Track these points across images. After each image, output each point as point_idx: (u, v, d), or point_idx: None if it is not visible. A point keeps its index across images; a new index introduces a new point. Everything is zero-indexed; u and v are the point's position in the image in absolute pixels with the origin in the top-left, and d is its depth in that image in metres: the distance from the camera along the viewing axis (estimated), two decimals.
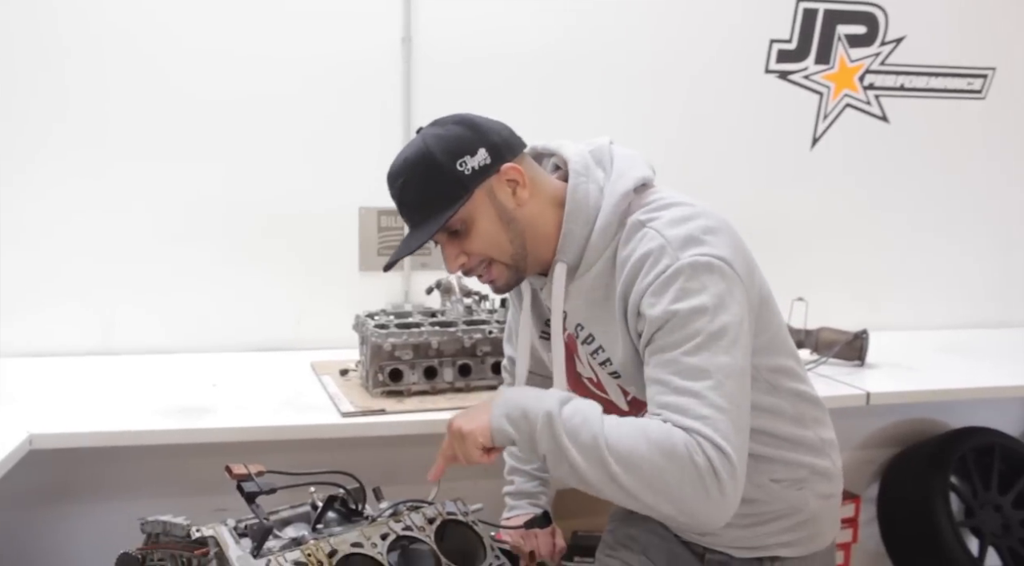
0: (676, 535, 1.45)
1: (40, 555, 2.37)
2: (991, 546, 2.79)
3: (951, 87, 3.00)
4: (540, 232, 1.28)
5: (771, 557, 1.38)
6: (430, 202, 1.23)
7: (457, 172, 1.22)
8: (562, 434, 1.10)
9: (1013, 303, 3.18)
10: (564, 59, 2.62)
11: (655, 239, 1.18)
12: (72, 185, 2.36)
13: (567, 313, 1.31)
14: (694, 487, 1.05)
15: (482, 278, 1.32)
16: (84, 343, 2.40)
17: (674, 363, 1.11)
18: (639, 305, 1.17)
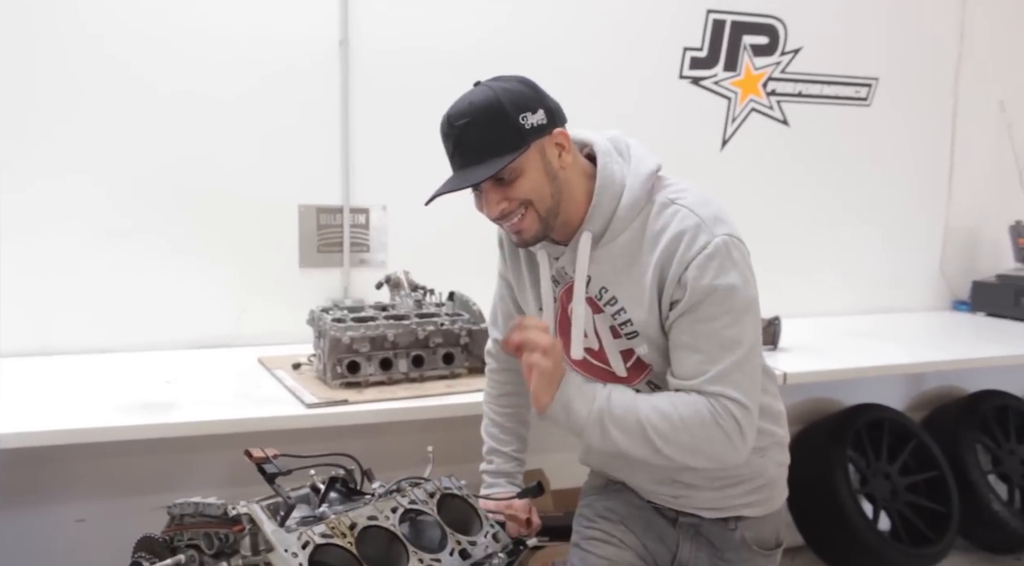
0: (650, 502, 1.59)
1: None
2: (883, 510, 3.08)
3: (841, 94, 3.30)
4: (573, 197, 1.39)
5: (735, 517, 1.55)
6: (490, 146, 1.31)
7: (519, 124, 1.31)
8: (610, 427, 1.33)
9: (897, 289, 3.51)
10: (495, 61, 2.70)
11: (690, 217, 1.34)
12: (4, 183, 2.31)
13: (591, 277, 1.41)
14: (722, 444, 1.31)
15: (511, 227, 1.39)
16: (20, 344, 2.35)
17: (715, 336, 1.31)
18: (681, 276, 1.32)
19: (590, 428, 1.34)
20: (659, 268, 1.35)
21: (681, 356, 1.35)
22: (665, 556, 1.59)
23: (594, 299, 1.43)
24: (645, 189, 1.38)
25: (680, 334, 1.35)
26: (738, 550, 1.56)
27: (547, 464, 2.72)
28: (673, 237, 1.34)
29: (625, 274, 1.39)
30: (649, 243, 1.37)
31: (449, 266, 2.57)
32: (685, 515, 1.56)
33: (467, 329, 2.21)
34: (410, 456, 1.93)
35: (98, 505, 2.37)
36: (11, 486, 2.27)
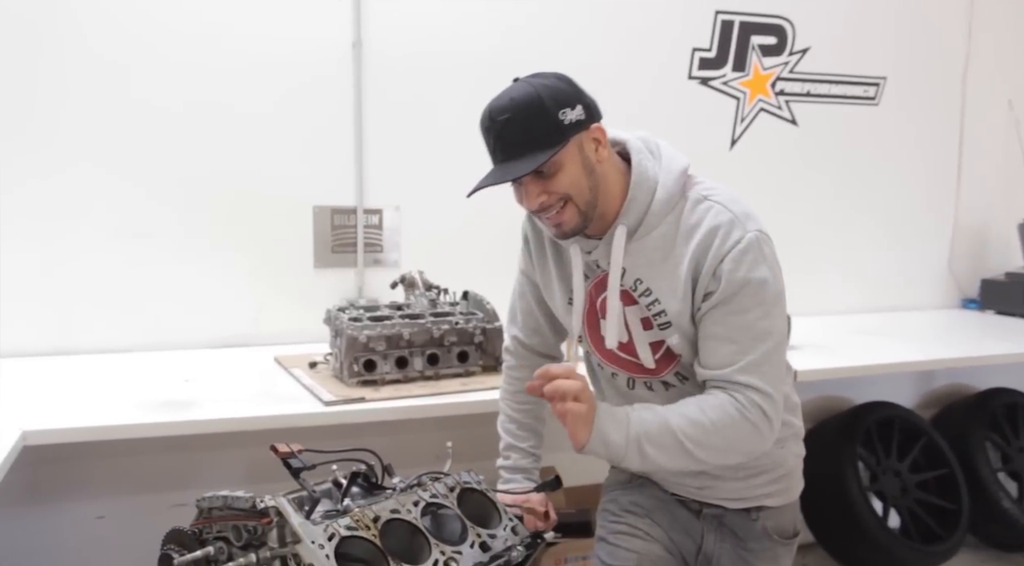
0: (674, 495, 1.62)
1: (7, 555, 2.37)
2: (893, 507, 3.10)
3: (849, 94, 3.32)
4: (609, 191, 1.43)
5: (757, 507, 1.59)
6: (530, 141, 1.35)
7: (559, 120, 1.35)
8: (647, 448, 1.36)
9: (906, 288, 3.53)
10: (506, 63, 2.73)
11: (724, 213, 1.40)
12: (28, 188, 2.36)
13: (625, 269, 1.45)
14: (752, 438, 1.38)
15: (551, 219, 1.43)
16: (42, 343, 2.40)
17: (748, 328, 1.37)
18: (716, 268, 1.37)
19: (630, 455, 1.37)
20: (694, 261, 1.39)
21: (713, 346, 1.39)
22: (691, 547, 1.62)
23: (628, 291, 1.46)
24: (678, 185, 1.43)
25: (713, 325, 1.39)
26: (760, 540, 1.60)
27: (560, 462, 2.73)
28: (708, 231, 1.39)
29: (659, 267, 1.43)
30: (683, 237, 1.41)
31: (462, 266, 2.60)
32: (709, 506, 1.59)
33: (481, 328, 2.24)
34: (426, 453, 1.96)
35: (118, 502, 2.41)
36: (34, 483, 2.31)
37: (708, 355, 1.40)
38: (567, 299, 1.57)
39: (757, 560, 1.61)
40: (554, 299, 1.61)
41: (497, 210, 2.71)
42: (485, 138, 1.42)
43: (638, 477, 1.66)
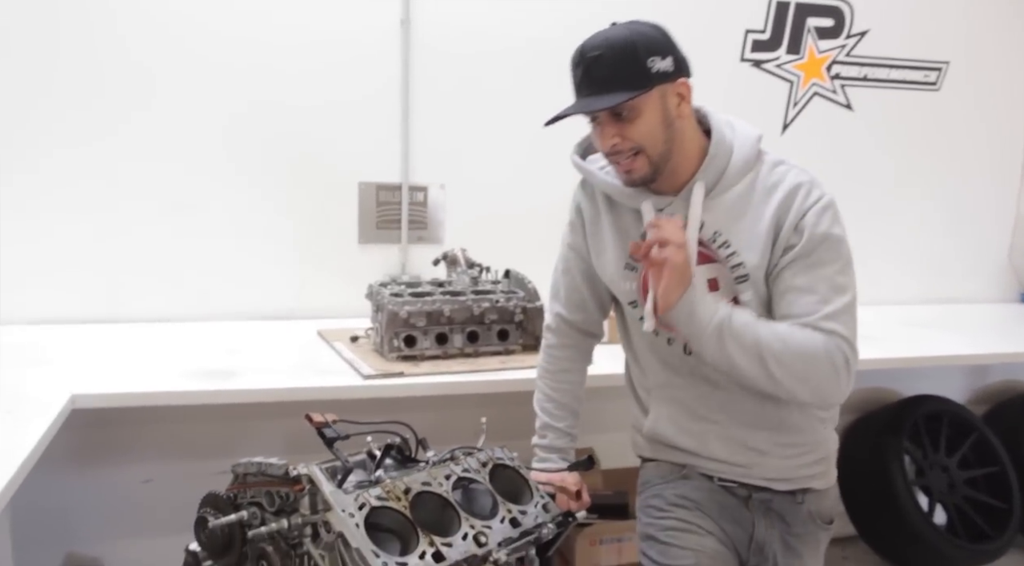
0: (721, 483, 1.59)
1: (58, 514, 2.44)
2: (939, 503, 3.03)
3: (909, 79, 3.22)
4: (684, 148, 1.46)
5: (802, 489, 1.58)
6: (616, 81, 1.38)
7: (646, 66, 1.38)
8: (728, 339, 1.38)
9: (963, 279, 3.43)
10: (555, 41, 2.69)
11: (802, 175, 1.46)
12: (79, 160, 2.42)
13: (704, 223, 1.47)
14: (830, 378, 1.38)
15: (621, 165, 1.46)
16: (93, 311, 2.46)
17: (828, 279, 1.40)
18: (798, 223, 1.41)
19: (708, 336, 1.39)
20: (776, 217, 1.43)
21: (794, 297, 1.41)
22: (742, 537, 1.59)
23: (707, 242, 1.48)
24: (754, 150, 1.49)
25: (794, 277, 1.42)
26: (805, 524, 1.59)
27: (598, 443, 2.74)
28: (791, 189, 1.43)
29: (737, 221, 1.46)
30: (762, 195, 1.45)
31: (506, 245, 2.59)
32: (758, 490, 1.58)
33: (522, 307, 2.24)
34: (462, 430, 1.96)
35: (165, 467, 2.47)
36: (84, 445, 2.38)
37: (790, 306, 1.42)
38: (623, 264, 1.57)
39: (803, 545, 1.61)
40: (607, 268, 1.61)
41: (541, 190, 2.74)
42: (573, 72, 1.44)
43: (677, 467, 1.64)
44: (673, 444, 1.62)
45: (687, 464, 1.62)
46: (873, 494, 2.99)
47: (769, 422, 1.54)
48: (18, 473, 1.45)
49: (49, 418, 1.64)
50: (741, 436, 1.55)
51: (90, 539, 2.50)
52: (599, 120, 1.44)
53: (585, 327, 1.73)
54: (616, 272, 1.59)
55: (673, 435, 1.61)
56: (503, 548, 1.23)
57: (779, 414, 1.54)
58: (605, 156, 1.49)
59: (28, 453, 1.50)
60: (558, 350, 1.75)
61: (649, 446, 1.69)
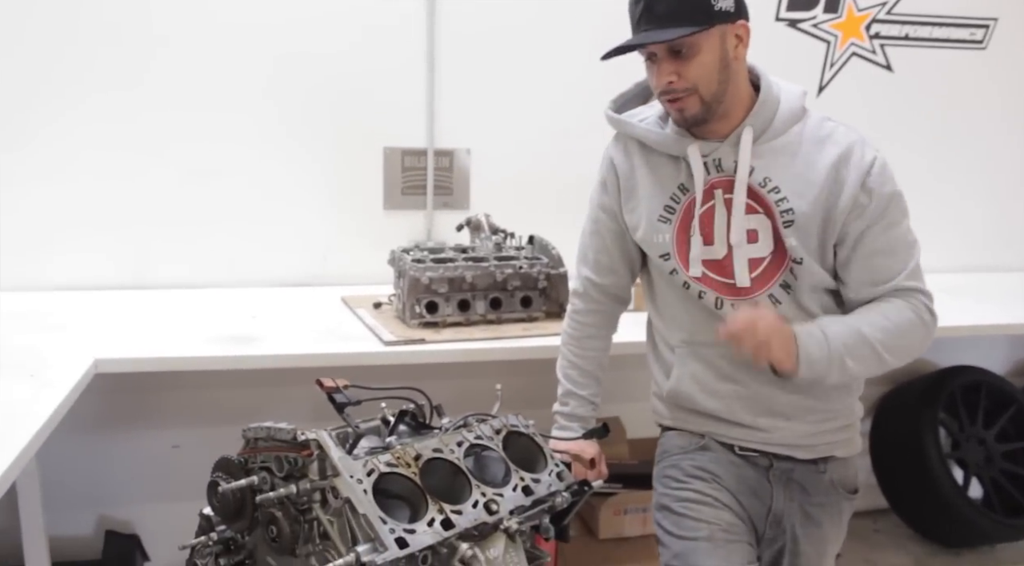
0: (742, 454, 1.57)
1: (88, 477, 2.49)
2: (975, 476, 2.97)
3: (953, 37, 3.09)
4: (738, 91, 1.46)
5: (824, 458, 1.57)
6: (678, 15, 1.37)
7: (709, 3, 1.37)
8: (847, 361, 1.41)
9: (1005, 248, 3.32)
10: (584, 10, 2.65)
11: (852, 132, 1.49)
12: (103, 125, 2.42)
13: (754, 168, 1.47)
14: (924, 335, 1.48)
15: (675, 103, 1.44)
16: (119, 278, 2.48)
17: (903, 239, 1.48)
18: (864, 181, 1.44)
19: (832, 371, 1.42)
20: (834, 170, 1.45)
21: (878, 262, 1.46)
22: (760, 510, 1.57)
23: (755, 187, 1.48)
24: (800, 102, 1.50)
25: (874, 241, 1.46)
26: (827, 493, 1.58)
27: (624, 411, 2.72)
28: (847, 146, 1.45)
29: (787, 168, 1.47)
30: (812, 144, 1.47)
31: (531, 210, 2.57)
32: (779, 459, 1.55)
33: (545, 273, 2.21)
34: (483, 397, 1.94)
35: (192, 432, 2.50)
36: (112, 411, 2.42)
37: (876, 271, 1.46)
38: (657, 216, 1.55)
39: (823, 514, 1.59)
40: (640, 222, 1.58)
41: (567, 154, 2.69)
42: (632, 8, 1.43)
43: (696, 437, 1.61)
44: (695, 407, 1.60)
45: (707, 432, 1.60)
46: (907, 466, 2.94)
47: (795, 386, 1.51)
48: (40, 432, 1.47)
49: (72, 381, 1.66)
50: (766, 397, 1.54)
51: (121, 503, 2.55)
52: (656, 56, 1.42)
53: (614, 291, 1.70)
54: (649, 225, 1.56)
55: (696, 395, 1.59)
56: (515, 516, 1.21)
57: None
58: (658, 95, 1.47)
59: (50, 414, 1.52)
60: (585, 315, 1.72)
61: (669, 412, 1.66)
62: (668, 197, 1.54)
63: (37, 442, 1.46)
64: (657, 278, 1.63)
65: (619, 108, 1.65)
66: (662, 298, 1.63)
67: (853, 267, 1.48)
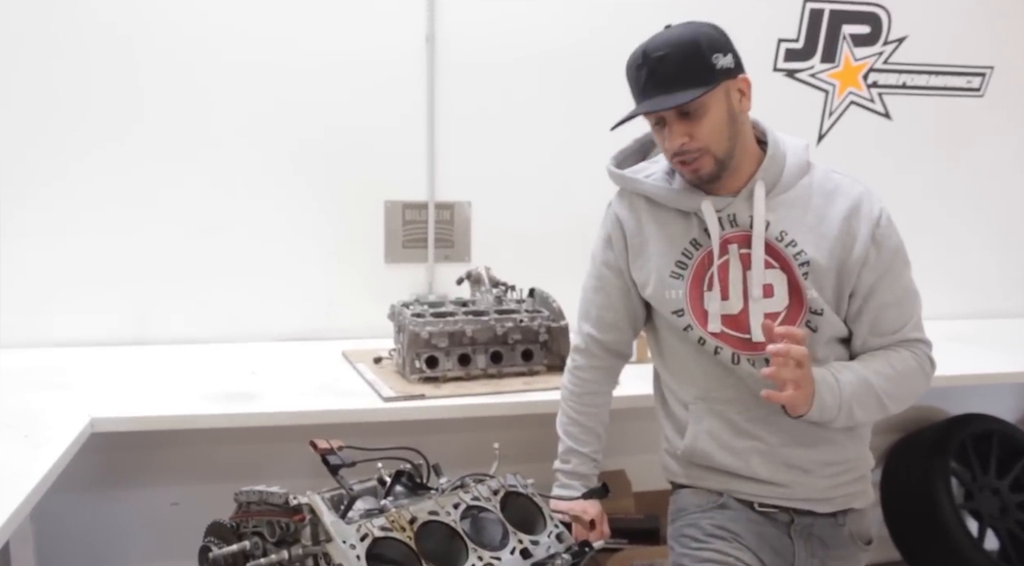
0: (762, 511, 1.55)
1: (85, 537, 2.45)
2: (990, 528, 2.90)
3: (951, 85, 3.11)
4: (746, 144, 1.50)
5: (844, 510, 1.56)
6: (683, 78, 1.39)
7: (711, 63, 1.40)
8: (855, 408, 1.44)
9: (1008, 294, 3.29)
10: (584, 56, 2.70)
11: (858, 185, 1.53)
12: (107, 181, 2.43)
13: (769, 222, 1.49)
14: (924, 387, 1.53)
15: (688, 165, 1.46)
16: (120, 333, 2.48)
17: (908, 289, 1.52)
18: (874, 233, 1.47)
19: (840, 418, 1.44)
20: (846, 223, 1.48)
21: (887, 313, 1.50)
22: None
23: (772, 242, 1.49)
24: (805, 156, 1.54)
25: (884, 293, 1.49)
26: (846, 546, 1.58)
27: (629, 464, 2.68)
28: (856, 198, 1.49)
29: (800, 220, 1.49)
30: (822, 197, 1.50)
31: (532, 263, 2.57)
32: (800, 514, 1.54)
33: (546, 326, 2.19)
34: (485, 452, 1.91)
35: (192, 489, 2.47)
36: (110, 469, 2.39)
37: (884, 322, 1.50)
38: (668, 272, 1.55)
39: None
40: (649, 278, 1.57)
41: (568, 207, 2.70)
42: (635, 76, 1.45)
43: (714, 495, 1.58)
44: (712, 464, 1.57)
45: (725, 490, 1.57)
46: (919, 518, 2.87)
47: (812, 439, 1.52)
48: (32, 493, 1.45)
49: (66, 441, 1.64)
50: (784, 453, 1.52)
51: (120, 562, 2.50)
52: (666, 120, 1.44)
53: (617, 347, 1.69)
54: (660, 281, 1.56)
55: (713, 452, 1.56)
56: None
57: (821, 430, 1.51)
58: (671, 157, 1.48)
59: (44, 474, 1.50)
60: (586, 372, 1.71)
61: (684, 471, 1.63)
62: (680, 253, 1.54)
63: (29, 503, 1.43)
64: (667, 334, 1.62)
65: (620, 164, 1.66)
66: (672, 354, 1.61)
67: (863, 318, 1.50)
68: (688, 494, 1.63)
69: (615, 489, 2.41)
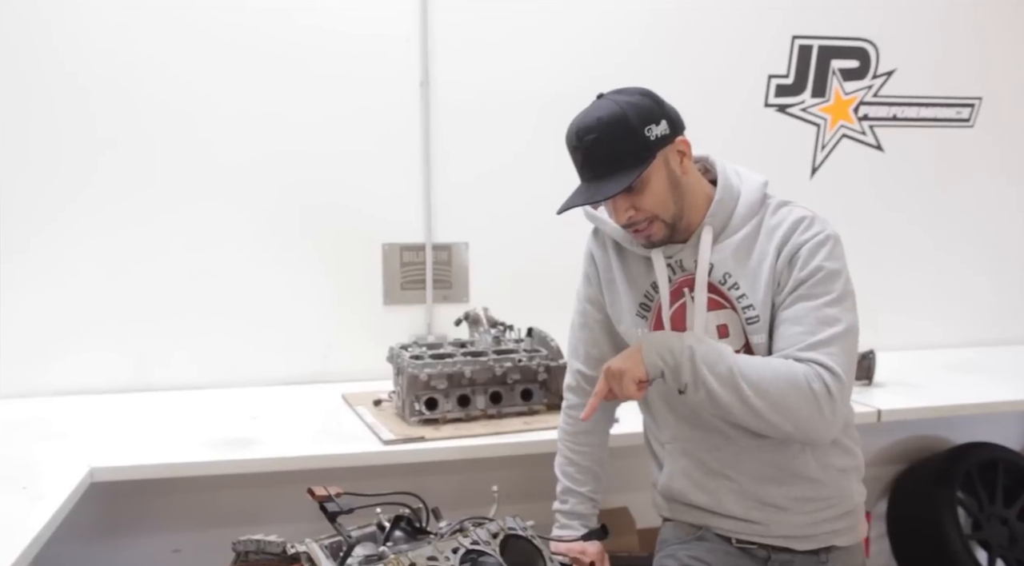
0: (739, 545, 1.54)
1: None
2: (999, 558, 2.87)
3: (941, 116, 3.15)
4: (695, 200, 1.49)
5: (826, 547, 1.53)
6: (619, 160, 1.39)
7: (645, 137, 1.39)
8: (702, 366, 1.36)
9: (1006, 321, 3.30)
10: (577, 96, 2.70)
11: (804, 211, 1.48)
12: (98, 229, 2.46)
13: (713, 265, 1.48)
14: (810, 408, 1.34)
15: (639, 232, 1.48)
16: (120, 381, 2.48)
17: (816, 310, 1.39)
18: (794, 255, 1.42)
19: (684, 367, 1.37)
20: (777, 251, 1.45)
21: (782, 330, 1.42)
22: None
23: (717, 285, 1.48)
24: (760, 194, 1.50)
25: (784, 310, 1.43)
26: None
27: (632, 502, 2.66)
28: (791, 224, 1.45)
29: (744, 262, 1.48)
30: (767, 235, 1.47)
31: (530, 302, 2.57)
32: (777, 551, 1.52)
33: (545, 365, 2.19)
34: (486, 493, 1.91)
35: (194, 535, 2.45)
36: (111, 518, 2.37)
37: (778, 339, 1.43)
38: (635, 311, 1.57)
39: None
40: (622, 316, 1.60)
41: (565, 247, 2.70)
42: (573, 156, 1.47)
43: (695, 528, 1.58)
44: (688, 501, 1.58)
45: (703, 525, 1.57)
46: (927, 550, 2.84)
47: (784, 476, 1.50)
48: (31, 546, 1.43)
49: (65, 492, 1.63)
50: (756, 492, 1.51)
51: None
52: (611, 198, 1.44)
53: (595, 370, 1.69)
54: (629, 319, 1.59)
55: (688, 491, 1.57)
56: None
57: (794, 466, 1.50)
58: (623, 227, 1.49)
59: (42, 527, 1.48)
60: (580, 410, 1.69)
61: (667, 505, 1.65)
62: (642, 295, 1.57)
63: (28, 555, 1.42)
64: None
65: None
66: (649, 394, 1.63)
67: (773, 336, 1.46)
68: (671, 527, 1.65)
69: (618, 527, 2.40)
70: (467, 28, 2.64)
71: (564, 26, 2.72)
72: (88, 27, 2.37)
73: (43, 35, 2.35)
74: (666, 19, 2.82)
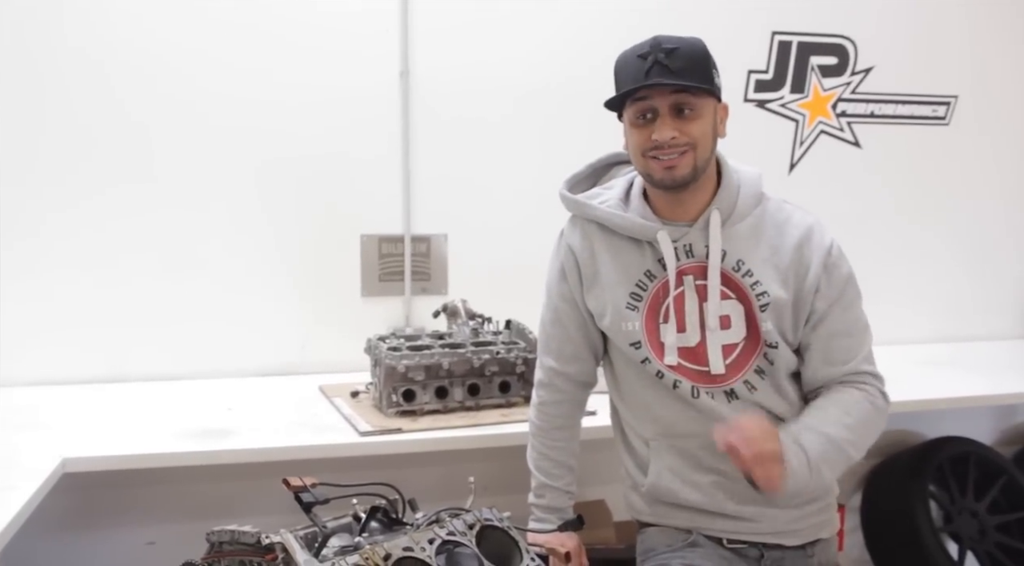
0: (731, 547, 1.54)
1: None
2: (969, 550, 2.91)
3: (917, 114, 3.17)
4: (710, 172, 1.50)
5: (812, 541, 1.56)
6: (693, 70, 1.39)
7: (712, 74, 1.44)
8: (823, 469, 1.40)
9: (981, 318, 3.34)
10: (556, 88, 2.73)
11: (810, 216, 1.53)
12: (73, 219, 2.43)
13: (725, 252, 1.48)
14: (881, 422, 1.50)
15: (667, 161, 1.42)
16: (96, 371, 2.45)
17: (859, 320, 1.52)
18: (825, 262, 1.47)
19: (812, 482, 1.40)
20: (797, 253, 1.48)
21: (838, 343, 1.49)
22: None
23: (729, 272, 1.48)
24: (759, 186, 1.54)
25: (834, 323, 1.49)
26: None
27: (609, 494, 2.67)
28: (806, 229, 1.49)
29: (754, 250, 1.49)
30: (774, 228, 1.50)
31: (509, 294, 2.56)
32: (769, 548, 1.53)
33: (523, 357, 2.20)
34: (463, 485, 1.91)
35: (168, 528, 2.43)
36: (85, 510, 2.35)
37: (835, 352, 1.49)
38: (624, 303, 1.52)
39: None
40: (605, 309, 1.55)
41: (544, 240, 2.70)
42: (636, 65, 1.41)
43: (688, 533, 1.57)
44: (677, 501, 1.56)
45: (693, 528, 1.55)
46: (900, 542, 2.88)
47: None
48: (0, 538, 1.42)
49: (36, 483, 1.62)
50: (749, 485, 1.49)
51: None
52: (657, 112, 1.41)
53: (580, 378, 1.67)
54: (616, 312, 1.53)
55: (678, 489, 1.55)
56: None
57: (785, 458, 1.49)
58: (648, 151, 1.42)
59: (12, 518, 1.47)
60: (552, 407, 1.68)
61: (650, 508, 1.61)
62: (634, 284, 1.52)
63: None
64: (624, 368, 1.59)
65: (571, 188, 1.63)
66: (630, 389, 1.59)
67: (814, 347, 1.50)
68: (656, 533, 1.61)
69: (595, 519, 2.41)
70: (447, 18, 2.63)
71: (546, 18, 2.71)
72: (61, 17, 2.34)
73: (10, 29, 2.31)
74: (647, 13, 2.82)
